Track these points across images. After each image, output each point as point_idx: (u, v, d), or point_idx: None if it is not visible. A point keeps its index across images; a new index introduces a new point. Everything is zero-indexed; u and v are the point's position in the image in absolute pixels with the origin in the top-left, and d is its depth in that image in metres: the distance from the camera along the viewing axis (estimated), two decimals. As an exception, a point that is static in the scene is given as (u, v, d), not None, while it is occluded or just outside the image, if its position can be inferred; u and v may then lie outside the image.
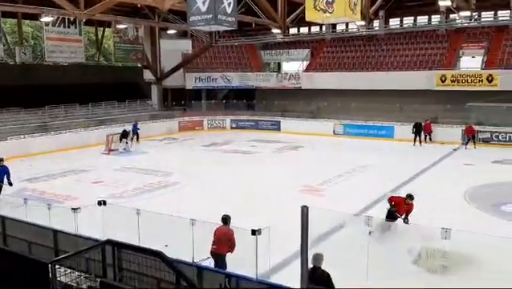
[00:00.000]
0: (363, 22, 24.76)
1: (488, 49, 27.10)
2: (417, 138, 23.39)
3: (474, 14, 26.43)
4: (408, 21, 31.61)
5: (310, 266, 5.69)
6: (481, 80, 24.86)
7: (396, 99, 26.22)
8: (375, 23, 30.67)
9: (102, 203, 8.36)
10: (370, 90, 27.24)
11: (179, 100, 32.30)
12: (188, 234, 7.01)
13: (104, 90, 28.78)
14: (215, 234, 7.40)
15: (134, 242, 6.25)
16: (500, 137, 23.12)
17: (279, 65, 36.20)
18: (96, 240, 6.01)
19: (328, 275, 5.86)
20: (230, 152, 22.41)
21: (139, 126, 24.91)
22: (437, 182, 15.35)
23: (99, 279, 4.28)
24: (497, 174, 16.34)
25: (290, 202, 9.36)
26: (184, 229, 7.02)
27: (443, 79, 25.87)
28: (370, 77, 28.29)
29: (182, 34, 33.85)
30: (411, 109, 25.52)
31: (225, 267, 7.11)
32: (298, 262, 5.12)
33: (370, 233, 6.79)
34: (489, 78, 24.63)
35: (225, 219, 7.54)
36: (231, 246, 7.33)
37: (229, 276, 5.50)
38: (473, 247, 7.79)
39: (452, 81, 25.69)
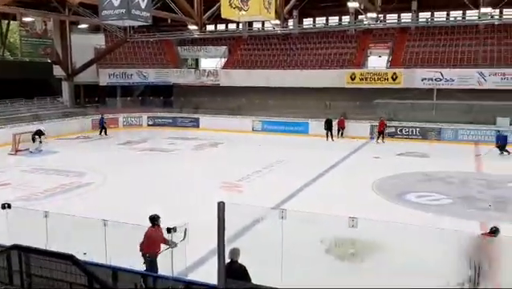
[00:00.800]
0: (278, 21, 25.37)
1: (392, 49, 29.02)
2: (329, 134, 24.49)
3: (380, 15, 28.14)
4: (320, 21, 32.94)
5: (228, 260, 5.81)
6: (387, 78, 26.60)
7: (310, 96, 27.23)
8: (290, 22, 31.57)
9: (6, 206, 7.85)
10: (286, 87, 28.04)
11: (92, 97, 30.97)
12: (102, 236, 6.82)
13: (10, 87, 26.80)
14: (145, 236, 7.28)
15: (43, 246, 5.97)
16: (404, 131, 24.88)
17: (197, 61, 36.03)
18: (1, 246, 5.65)
19: (245, 269, 6.00)
20: (147, 150, 21.96)
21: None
22: (348, 174, 16.31)
23: (3, 287, 4.05)
24: (401, 166, 17.63)
25: (208, 199, 9.39)
26: (98, 231, 6.82)
27: (353, 77, 27.32)
28: (285, 75, 29.12)
29: (95, 29, 32.48)
30: (324, 106, 26.64)
31: (156, 269, 7.00)
32: (216, 258, 5.21)
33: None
34: (394, 76, 26.42)
35: (152, 219, 7.39)
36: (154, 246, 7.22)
37: (145, 276, 5.44)
38: (380, 234, 8.38)
39: (361, 79, 27.20)
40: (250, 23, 32.41)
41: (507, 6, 23.47)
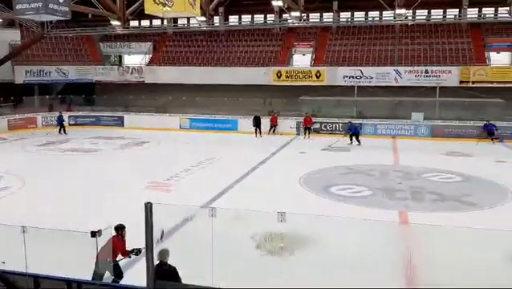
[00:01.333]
0: (203, 18, 25.26)
1: (316, 48, 29.93)
2: (258, 130, 24.80)
3: (303, 15, 28.89)
4: (246, 19, 33.15)
5: (157, 262, 5.71)
6: (311, 76, 27.41)
7: (238, 94, 27.39)
8: (216, 19, 31.53)
9: None
10: (213, 84, 27.99)
11: (7, 96, 28.95)
12: (20, 243, 6.42)
13: None
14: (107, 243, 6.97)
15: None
16: (328, 127, 25.79)
17: (120, 58, 34.90)
18: None
19: (175, 270, 5.94)
20: (69, 150, 20.96)
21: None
22: (276, 170, 16.66)
23: None
24: (326, 160, 18.29)
25: (135, 200, 9.17)
26: (16, 238, 6.41)
27: (279, 74, 27.85)
28: (213, 72, 29.07)
29: (9, 24, 30.33)
30: (251, 103, 26.91)
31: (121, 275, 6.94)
32: (144, 260, 5.11)
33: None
34: (318, 74, 27.28)
35: (117, 229, 7.16)
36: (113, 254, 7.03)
37: (70, 282, 5.22)
38: (308, 227, 8.65)
39: (286, 77, 27.81)
40: (175, 19, 31.97)
41: (420, 7, 25.06)
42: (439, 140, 23.21)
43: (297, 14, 27.35)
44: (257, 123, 24.86)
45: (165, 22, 32.07)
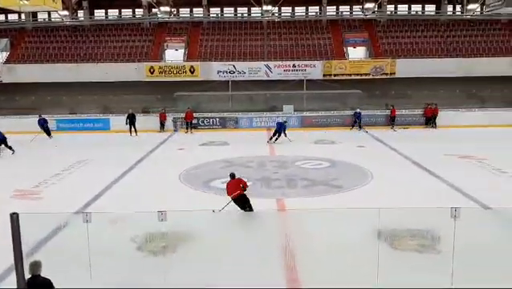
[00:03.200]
0: (66, 12, 23.66)
1: (188, 43, 29.86)
2: (132, 128, 23.96)
3: (173, 10, 28.65)
4: (113, 13, 31.82)
5: (29, 276, 5.30)
6: (185, 71, 27.31)
7: (109, 91, 26.25)
8: (80, 14, 29.77)
9: None
10: (82, 82, 26.45)
11: None
12: None
13: None
14: (228, 186, 10.55)
15: None
16: (205, 122, 25.98)
17: (-30, 56, 31.11)
18: None
19: (49, 282, 5.55)
20: None
21: None
22: (155, 168, 16.31)
23: None
24: (205, 155, 18.42)
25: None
26: None
27: (151, 70, 27.25)
28: (80, 69, 27.43)
29: None
30: (123, 100, 25.98)
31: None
32: (14, 275, 4.70)
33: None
34: (192, 69, 27.27)
35: (233, 175, 10.81)
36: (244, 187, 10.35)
37: None
38: (189, 223, 8.66)
39: (160, 72, 27.33)
40: (35, 14, 29.48)
41: (285, 4, 26.41)
42: (308, 130, 24.77)
43: (166, 8, 27.01)
44: (131, 121, 24.01)
45: (23, 16, 29.36)
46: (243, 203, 10.23)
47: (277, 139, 20.96)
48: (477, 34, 29.71)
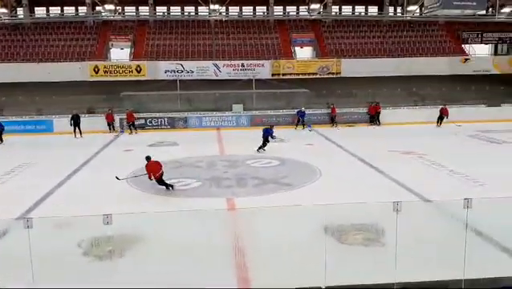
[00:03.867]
0: (5, 10, 22.55)
1: (134, 41, 29.26)
2: (77, 130, 23.17)
3: (118, 8, 27.97)
4: (54, 11, 30.67)
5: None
6: (131, 71, 26.77)
7: (52, 91, 25.29)
8: (20, 11, 28.51)
9: None
10: (22, 82, 25.32)
11: None
12: None
13: None
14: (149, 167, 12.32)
15: None
16: (153, 122, 25.57)
17: None
18: None
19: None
20: None
21: None
22: (100, 170, 15.79)
23: None
24: (154, 156, 18.01)
25: None
26: None
27: (96, 70, 26.49)
28: (19, 68, 26.21)
29: None
30: (67, 101, 25.10)
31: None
32: None
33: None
34: (138, 68, 26.76)
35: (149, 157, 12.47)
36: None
37: None
38: (137, 226, 8.50)
39: (105, 72, 26.62)
40: (-32, 10, 27.83)
41: (232, 4, 26.46)
42: (258, 129, 24.86)
43: (111, 7, 26.33)
44: (75, 122, 23.20)
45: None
46: (164, 183, 12.46)
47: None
48: (416, 35, 31.03)
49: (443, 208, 9.42)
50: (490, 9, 30.00)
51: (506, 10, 30.32)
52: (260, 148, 18.66)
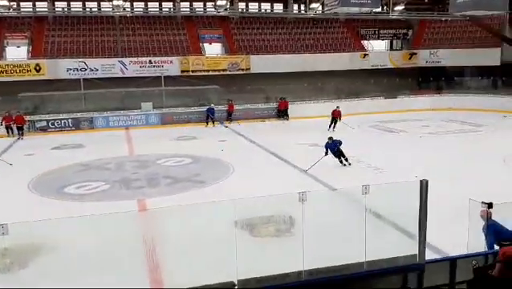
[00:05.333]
0: None
1: (31, 39, 27.38)
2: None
3: (13, 3, 26.03)
4: None
5: None
6: (30, 70, 25.08)
7: None
8: None
9: None
10: None
11: None
12: None
13: None
14: None
15: None
16: (56, 124, 24.13)
17: None
18: None
19: None
20: None
21: None
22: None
23: None
24: (58, 159, 17.13)
25: None
26: None
27: (-11, 70, 24.43)
28: None
29: None
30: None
31: None
32: None
33: None
34: (37, 67, 25.12)
35: None
36: None
37: None
38: (40, 235, 8.01)
39: (0, 72, 24.64)
40: None
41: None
42: (169, 127, 24.58)
43: (4, 2, 24.42)
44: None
45: None
46: None
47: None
48: (319, 32, 32.39)
49: (345, 195, 9.98)
50: (385, 7, 32.14)
51: (399, 7, 32.67)
52: (342, 161, 15.11)
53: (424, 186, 4.92)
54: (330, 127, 22.07)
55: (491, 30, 30.24)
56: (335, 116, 22.83)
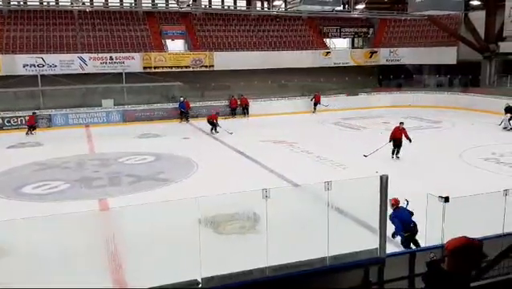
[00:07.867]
0: None
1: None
2: None
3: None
4: None
5: None
6: (-17, 66, 23.99)
7: None
8: None
9: None
10: None
11: None
12: None
13: None
14: None
15: None
16: (12, 122, 23.27)
17: None
18: None
19: None
20: None
21: None
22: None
23: None
24: (14, 158, 16.54)
25: None
26: None
27: None
28: None
29: None
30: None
31: None
32: None
33: None
34: (-9, 63, 24.07)
35: None
36: None
37: None
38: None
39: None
40: None
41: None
42: (131, 125, 24.13)
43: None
44: None
45: None
46: None
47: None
48: (283, 30, 32.53)
49: (309, 192, 10.10)
50: (347, 6, 32.64)
51: (360, 6, 33.26)
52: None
53: (384, 181, 5.04)
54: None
55: (448, 29, 31.22)
56: (317, 101, 27.36)
